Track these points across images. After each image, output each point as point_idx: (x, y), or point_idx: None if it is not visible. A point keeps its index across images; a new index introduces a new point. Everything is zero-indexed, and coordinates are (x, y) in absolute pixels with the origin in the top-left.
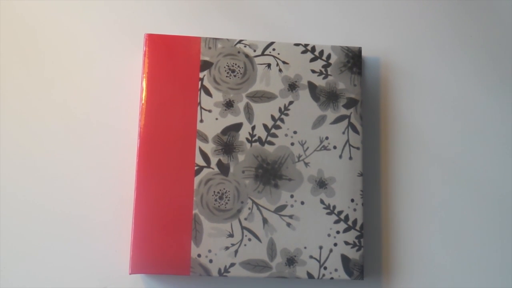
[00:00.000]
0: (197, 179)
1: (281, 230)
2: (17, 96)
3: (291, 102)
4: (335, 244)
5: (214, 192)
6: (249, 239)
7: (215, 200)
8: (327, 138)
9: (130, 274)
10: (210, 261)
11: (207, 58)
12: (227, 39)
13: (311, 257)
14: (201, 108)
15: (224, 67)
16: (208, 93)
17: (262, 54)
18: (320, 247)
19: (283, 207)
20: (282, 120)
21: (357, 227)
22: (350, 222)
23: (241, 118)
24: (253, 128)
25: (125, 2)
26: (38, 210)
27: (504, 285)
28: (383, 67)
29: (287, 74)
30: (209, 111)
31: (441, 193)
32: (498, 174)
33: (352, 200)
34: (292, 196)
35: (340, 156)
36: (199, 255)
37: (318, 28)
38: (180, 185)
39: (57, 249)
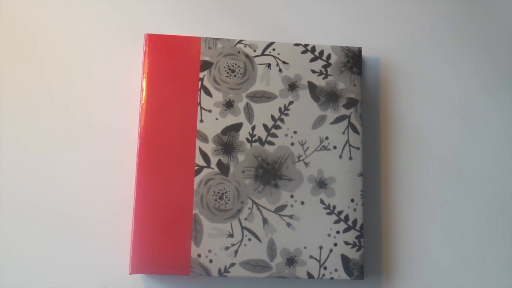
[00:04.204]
0: (197, 179)
1: (281, 230)
2: (17, 96)
3: (291, 102)
4: (335, 244)
5: (214, 192)
6: (249, 239)
7: (215, 200)
8: (327, 138)
9: (130, 274)
10: (210, 261)
11: (207, 58)
12: (227, 39)
13: (311, 257)
14: (201, 108)
15: (224, 67)
16: (208, 93)
17: (262, 54)
18: (320, 247)
19: (283, 207)
20: (282, 120)
21: (357, 227)
22: (350, 222)
23: (241, 118)
24: (253, 128)
25: (125, 2)
26: (38, 211)
27: (504, 285)
28: (383, 67)
29: (287, 74)
30: (209, 111)
31: (441, 193)
32: (498, 174)
33: (352, 200)
34: (292, 196)
35: (340, 156)
36: (199, 255)
37: (318, 28)
38: (180, 185)
39: (57, 249)
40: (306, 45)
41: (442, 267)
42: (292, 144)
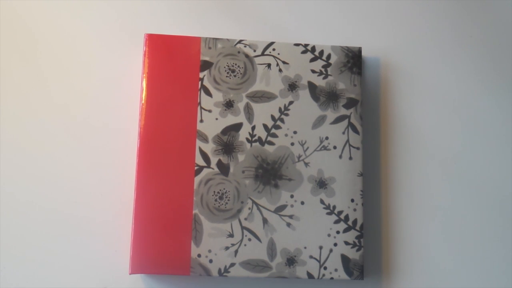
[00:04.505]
0: (197, 179)
1: (281, 230)
2: (17, 97)
3: (291, 102)
4: (335, 244)
5: (214, 192)
6: (249, 239)
7: (215, 200)
8: (327, 138)
9: (130, 274)
10: (210, 261)
11: (207, 58)
12: (227, 39)
13: (311, 257)
14: (201, 108)
15: (224, 67)
16: (208, 93)
17: (262, 54)
18: (320, 247)
19: (283, 207)
20: (282, 120)
21: (357, 227)
22: (350, 222)
23: (241, 118)
24: (253, 128)
25: (125, 2)
26: (38, 211)
27: (504, 285)
28: (383, 67)
29: (287, 74)
30: (209, 111)
31: (441, 193)
32: (498, 174)
33: (352, 200)
34: (292, 196)
35: (340, 156)
36: (199, 255)
37: (318, 28)
38: (180, 185)
39: (57, 249)
40: (306, 45)
41: (442, 267)
42: (292, 144)
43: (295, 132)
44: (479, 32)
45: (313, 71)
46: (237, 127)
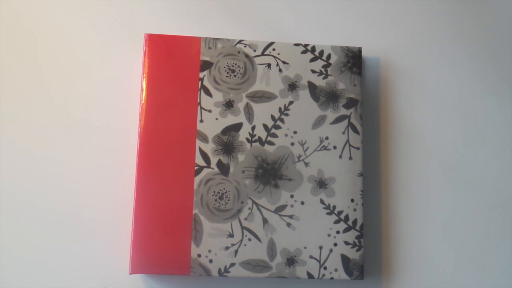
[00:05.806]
0: (197, 179)
1: (281, 230)
2: (17, 97)
3: (291, 102)
4: (335, 244)
5: (214, 192)
6: (249, 239)
7: (215, 200)
8: (327, 138)
9: (130, 274)
10: (210, 261)
11: (207, 58)
12: (227, 39)
13: (311, 257)
14: (201, 108)
15: (224, 67)
16: (208, 93)
17: (262, 54)
18: (320, 247)
19: (283, 207)
20: (282, 120)
21: (357, 227)
22: (350, 222)
23: (241, 118)
24: (253, 128)
25: (125, 2)
26: (38, 211)
27: (504, 285)
28: (383, 67)
29: (287, 74)
30: (209, 111)
31: (441, 193)
32: (498, 174)
33: (352, 200)
34: (292, 196)
35: (340, 156)
36: (199, 255)
37: (318, 28)
38: (180, 185)
39: (57, 249)
40: (306, 45)
41: (442, 267)
42: (292, 144)
43: (295, 132)
44: (479, 32)
45: (313, 71)
46: (237, 127)
